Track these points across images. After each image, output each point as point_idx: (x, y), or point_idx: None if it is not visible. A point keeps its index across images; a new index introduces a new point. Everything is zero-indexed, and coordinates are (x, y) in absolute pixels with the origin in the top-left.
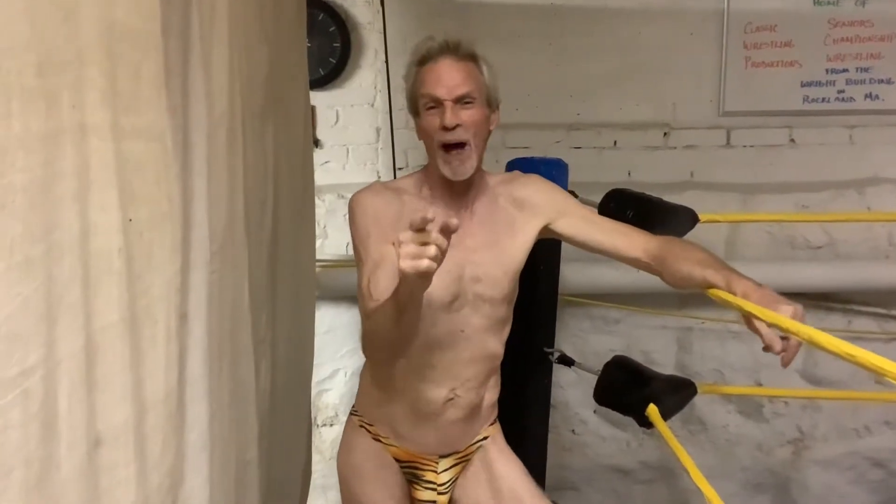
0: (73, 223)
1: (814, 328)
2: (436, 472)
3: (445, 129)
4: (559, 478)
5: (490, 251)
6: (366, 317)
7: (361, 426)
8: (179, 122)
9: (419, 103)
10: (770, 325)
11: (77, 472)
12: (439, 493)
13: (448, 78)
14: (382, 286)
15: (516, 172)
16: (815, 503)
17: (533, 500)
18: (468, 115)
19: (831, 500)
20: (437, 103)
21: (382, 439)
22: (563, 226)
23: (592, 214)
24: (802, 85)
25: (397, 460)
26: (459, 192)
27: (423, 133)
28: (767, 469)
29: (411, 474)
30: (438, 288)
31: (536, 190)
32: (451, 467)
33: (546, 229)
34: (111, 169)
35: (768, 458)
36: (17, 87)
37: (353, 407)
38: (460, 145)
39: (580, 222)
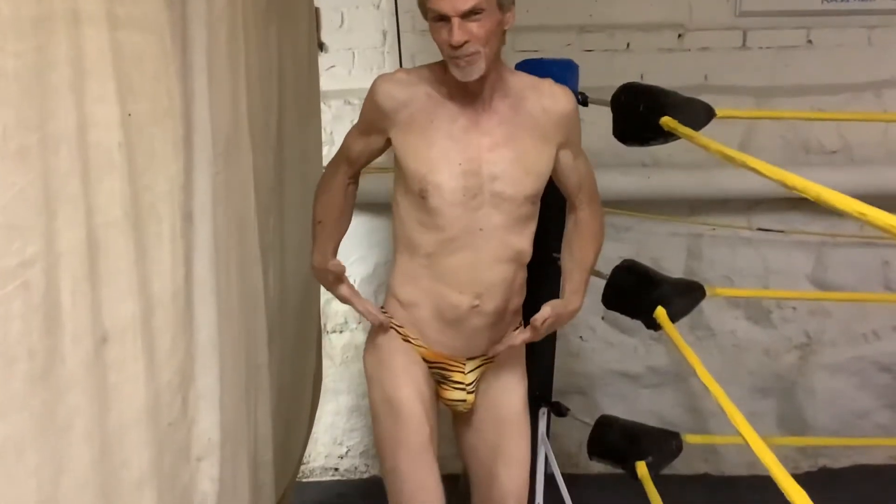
0: (69, 114)
1: (822, 186)
2: (463, 372)
3: (448, 45)
4: (567, 382)
5: (509, 149)
6: (320, 182)
7: (391, 326)
8: (178, 16)
9: (429, 16)
10: None
11: (84, 367)
12: (468, 392)
13: None
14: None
15: (548, 80)
16: (820, 407)
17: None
18: (477, 27)
19: (837, 403)
20: (444, 18)
21: (412, 340)
22: (561, 155)
23: (581, 159)
24: None
25: (425, 360)
26: (475, 91)
27: (436, 40)
28: (774, 374)
29: (439, 374)
30: (450, 182)
31: (568, 108)
32: (476, 368)
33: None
34: (107, 59)
35: (775, 363)
36: None
37: (382, 307)
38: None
39: (571, 158)
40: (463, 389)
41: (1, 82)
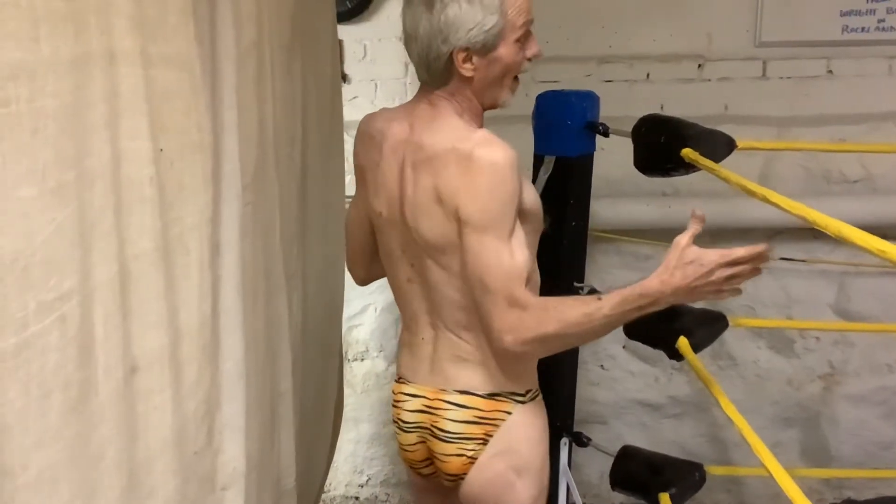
0: (103, 150)
1: (843, 222)
2: None
3: (535, 56)
4: (588, 411)
5: None
6: (541, 311)
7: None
8: (207, 52)
9: (510, 36)
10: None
11: (114, 397)
12: None
13: None
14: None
15: None
16: (844, 437)
17: None
18: None
19: (862, 434)
20: (528, 32)
21: None
22: None
23: None
24: (842, 14)
25: None
26: None
27: (498, 67)
28: (797, 404)
29: None
30: None
31: None
32: None
33: None
34: (141, 97)
35: (798, 392)
36: (43, 10)
37: (533, 391)
38: None
39: None
40: None
41: (40, 122)
